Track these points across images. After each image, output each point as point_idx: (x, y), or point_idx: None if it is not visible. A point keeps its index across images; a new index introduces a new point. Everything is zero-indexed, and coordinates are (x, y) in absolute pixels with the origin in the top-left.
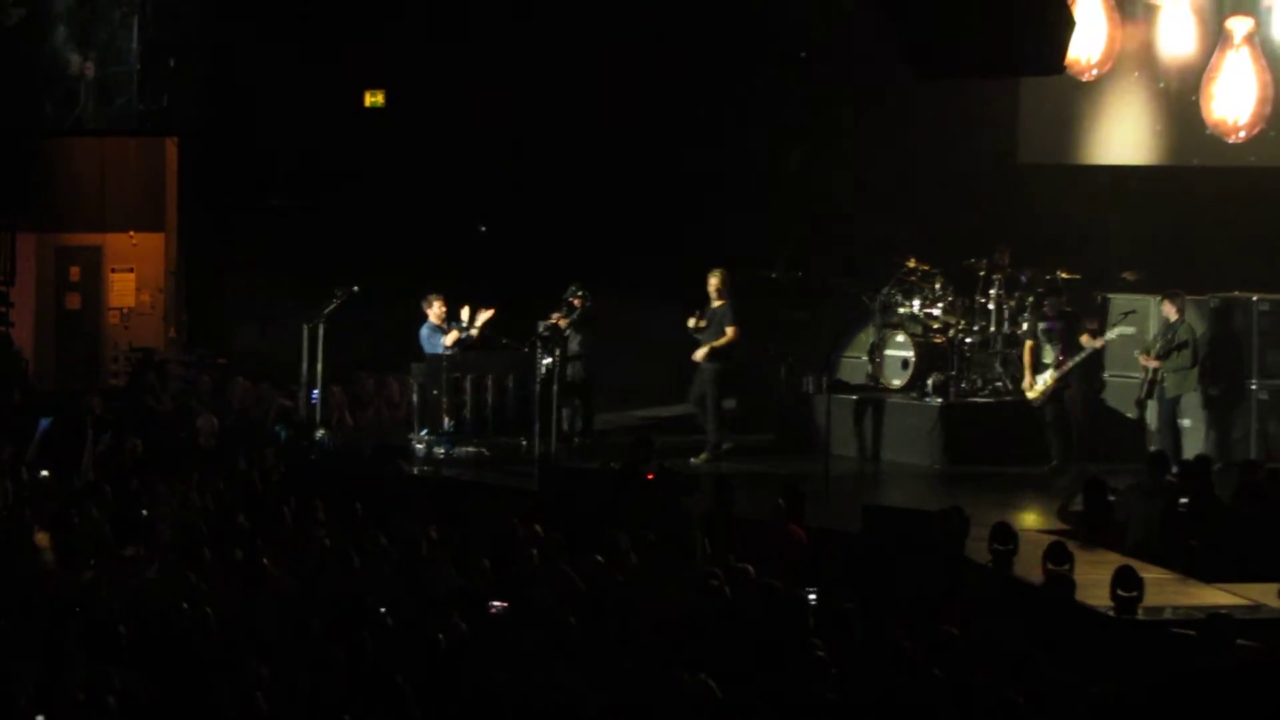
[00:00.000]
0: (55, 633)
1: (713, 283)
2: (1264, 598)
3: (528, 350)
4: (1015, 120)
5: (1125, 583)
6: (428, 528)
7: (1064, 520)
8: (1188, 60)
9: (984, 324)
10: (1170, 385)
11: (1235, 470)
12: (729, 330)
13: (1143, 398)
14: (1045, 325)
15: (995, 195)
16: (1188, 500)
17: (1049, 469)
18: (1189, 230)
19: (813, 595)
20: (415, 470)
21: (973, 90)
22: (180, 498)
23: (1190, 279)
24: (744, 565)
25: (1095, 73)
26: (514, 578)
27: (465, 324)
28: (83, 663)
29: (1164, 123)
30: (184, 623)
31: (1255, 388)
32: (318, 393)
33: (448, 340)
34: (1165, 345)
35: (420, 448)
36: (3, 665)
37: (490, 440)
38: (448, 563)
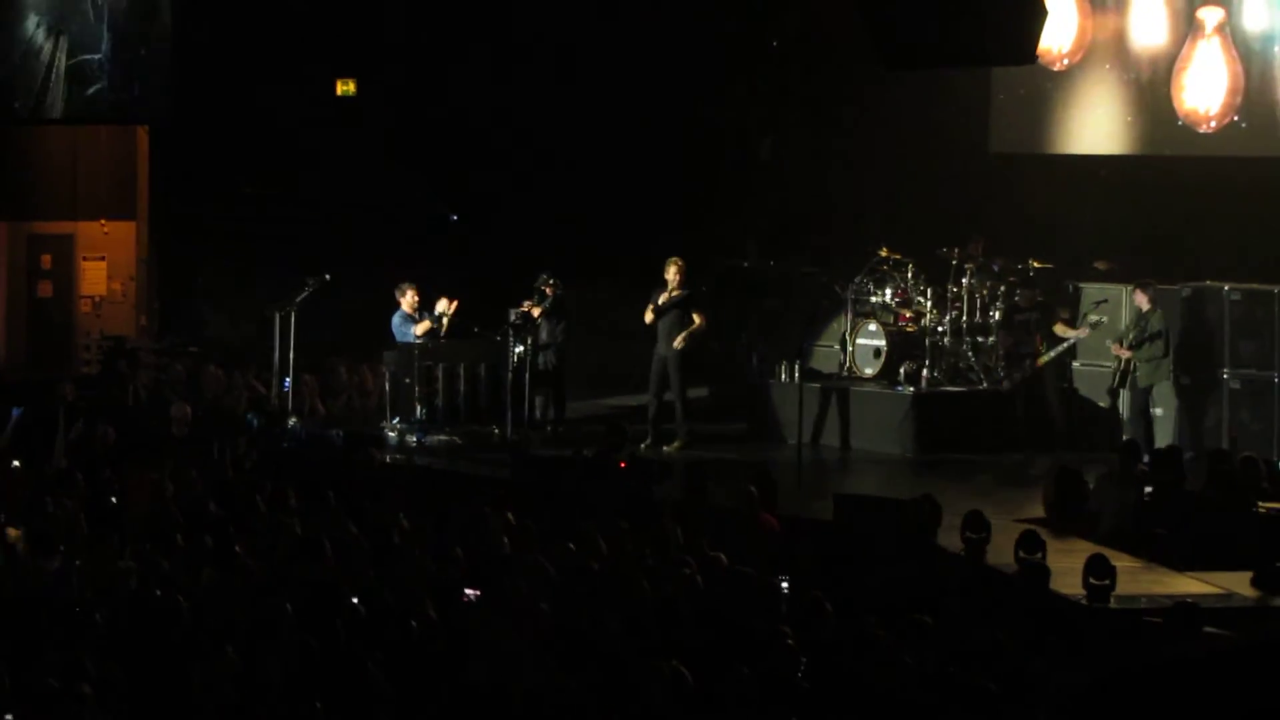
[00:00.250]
0: (27, 622)
1: (671, 271)
2: (1236, 586)
3: (500, 338)
4: (987, 110)
5: (1098, 571)
6: (400, 516)
7: (1047, 510)
8: (1159, 50)
9: (956, 313)
10: (1142, 375)
11: (1206, 459)
12: (697, 318)
13: (1115, 387)
14: (1019, 317)
15: (967, 185)
16: (1159, 489)
17: (1020, 459)
18: (1161, 220)
19: (785, 584)
20: (387, 458)
21: (944, 80)
22: (153, 486)
23: (1162, 268)
24: (716, 554)
25: (1066, 63)
26: (486, 566)
27: (439, 315)
28: (55, 651)
29: (1135, 113)
30: (156, 611)
31: (1227, 377)
32: (289, 381)
33: (418, 330)
34: (1137, 335)
35: (392, 436)
36: None
37: (462, 428)
38: (420, 551)
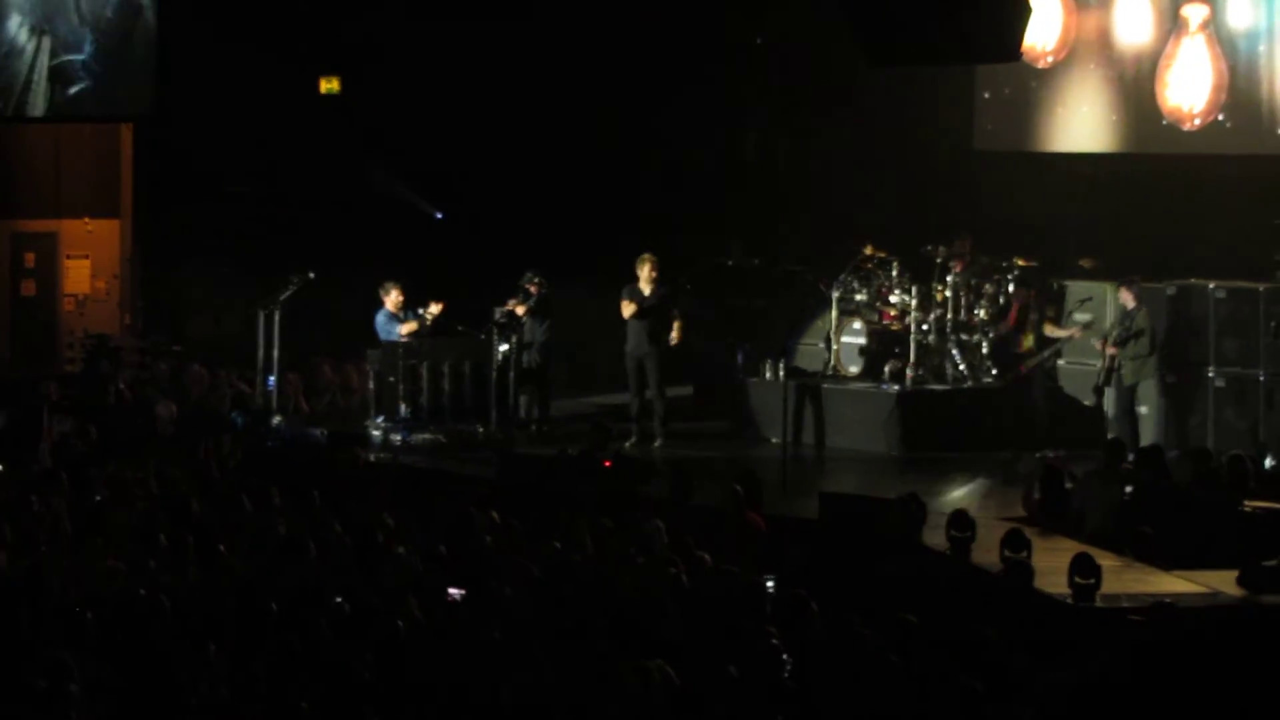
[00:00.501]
0: (10, 621)
1: (646, 268)
2: (1221, 585)
3: (484, 337)
4: (972, 108)
5: (1083, 570)
6: (384, 515)
7: (1027, 508)
8: (1143, 48)
9: (941, 311)
10: (1128, 372)
11: (1191, 457)
12: (678, 315)
13: (1100, 385)
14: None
15: (952, 183)
16: (1143, 487)
17: (1006, 456)
18: (1145, 218)
19: (770, 583)
20: (372, 457)
21: (929, 78)
22: (137, 484)
23: (1147, 266)
24: (701, 553)
25: (1051, 60)
26: (471, 565)
27: (425, 316)
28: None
29: (1120, 110)
30: (140, 610)
31: (1212, 375)
32: (274, 379)
33: (403, 330)
34: (1123, 332)
35: (377, 434)
36: None
37: (447, 427)
38: (405, 550)
